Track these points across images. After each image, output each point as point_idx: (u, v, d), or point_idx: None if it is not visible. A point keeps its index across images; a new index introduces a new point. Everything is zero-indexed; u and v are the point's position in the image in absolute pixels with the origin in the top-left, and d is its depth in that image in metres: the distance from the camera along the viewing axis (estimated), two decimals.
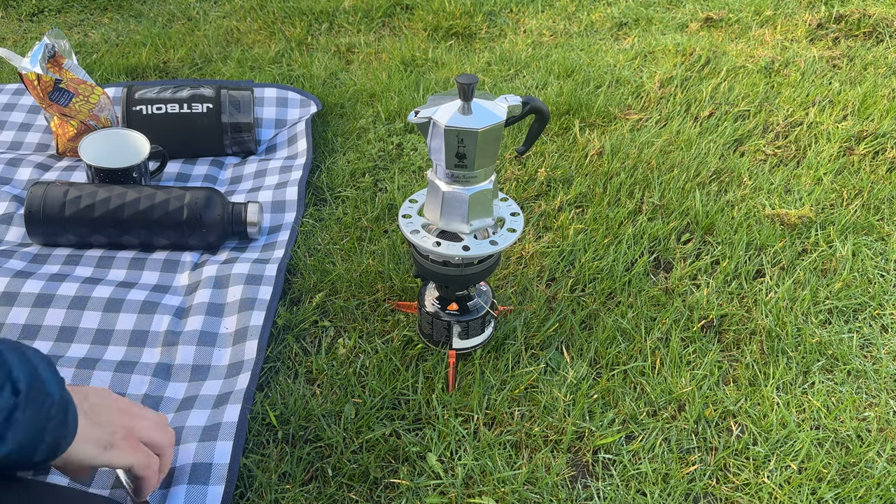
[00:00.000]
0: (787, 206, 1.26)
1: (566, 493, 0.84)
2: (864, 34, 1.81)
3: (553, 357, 0.99)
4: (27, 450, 0.58)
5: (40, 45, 1.30)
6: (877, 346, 1.03)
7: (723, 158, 1.37)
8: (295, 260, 1.14)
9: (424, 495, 0.83)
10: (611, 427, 0.91)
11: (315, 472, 0.86)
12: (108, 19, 1.90)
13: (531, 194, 1.28)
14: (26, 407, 0.56)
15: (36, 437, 0.58)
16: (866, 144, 1.41)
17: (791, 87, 1.58)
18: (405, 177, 1.32)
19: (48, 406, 0.59)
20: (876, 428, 0.92)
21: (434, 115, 0.83)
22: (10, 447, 0.56)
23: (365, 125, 1.46)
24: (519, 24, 1.88)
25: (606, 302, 1.08)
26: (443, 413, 0.92)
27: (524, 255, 1.15)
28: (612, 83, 1.60)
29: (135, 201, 1.12)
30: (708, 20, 1.88)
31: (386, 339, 1.02)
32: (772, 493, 0.84)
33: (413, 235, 0.89)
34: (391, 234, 1.20)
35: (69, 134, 1.33)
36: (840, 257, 1.16)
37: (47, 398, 0.59)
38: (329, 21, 1.87)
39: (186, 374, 0.95)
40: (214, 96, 1.35)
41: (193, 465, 0.82)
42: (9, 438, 0.55)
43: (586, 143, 1.40)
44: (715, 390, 0.96)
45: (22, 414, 0.56)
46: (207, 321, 1.01)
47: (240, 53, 1.71)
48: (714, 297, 1.09)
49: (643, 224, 1.21)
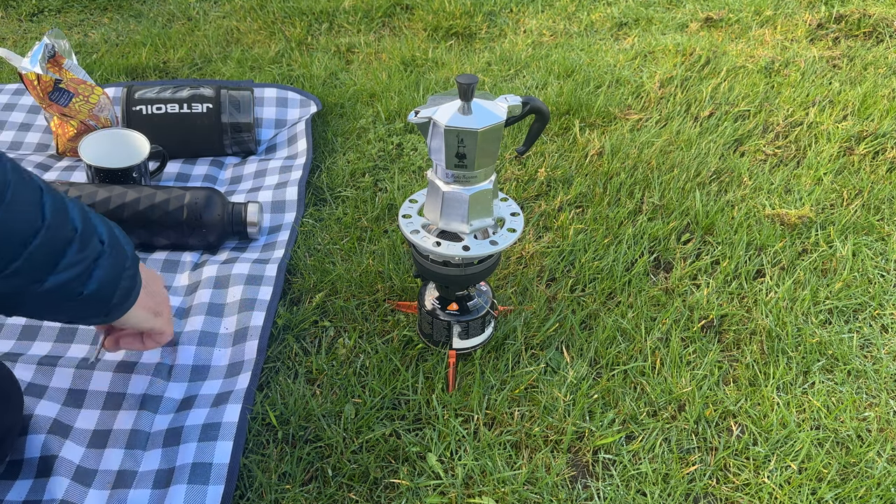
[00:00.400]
0: (787, 206, 1.26)
1: (566, 493, 0.84)
2: (864, 34, 1.81)
3: (553, 357, 0.99)
4: (107, 290, 0.70)
5: (40, 45, 1.30)
6: (877, 346, 1.03)
7: (723, 158, 1.37)
8: (295, 260, 1.14)
9: (424, 495, 0.83)
10: (611, 427, 0.91)
11: (315, 472, 0.86)
12: (108, 19, 1.90)
13: (531, 194, 1.28)
14: (109, 256, 0.69)
15: (115, 282, 0.71)
16: (866, 144, 1.41)
17: (791, 87, 1.58)
18: (405, 177, 1.32)
19: (123, 259, 0.72)
20: (876, 428, 0.92)
21: (434, 115, 0.82)
22: (96, 285, 0.68)
23: (365, 125, 1.46)
24: (519, 24, 1.88)
25: (606, 302, 1.08)
26: (443, 413, 0.92)
27: (524, 255, 1.15)
28: (612, 83, 1.60)
29: (135, 201, 1.12)
30: (708, 20, 1.88)
31: (386, 339, 1.02)
32: (772, 493, 0.84)
33: (413, 235, 0.89)
34: (391, 234, 1.20)
35: (69, 134, 1.33)
36: (840, 257, 1.16)
37: (123, 253, 0.72)
38: (329, 21, 1.87)
39: (186, 374, 0.95)
40: (214, 96, 1.35)
41: (193, 465, 0.82)
42: (95, 277, 0.68)
43: (586, 143, 1.40)
44: (715, 390, 0.96)
45: (106, 260, 0.69)
46: (207, 321, 1.01)
47: (240, 53, 1.71)
48: (714, 297, 1.09)
49: (643, 224, 1.21)
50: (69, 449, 0.83)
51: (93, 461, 0.83)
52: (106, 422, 0.88)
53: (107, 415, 0.89)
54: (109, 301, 0.72)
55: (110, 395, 0.90)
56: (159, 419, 0.89)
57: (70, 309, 0.70)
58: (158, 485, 0.81)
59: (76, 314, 0.72)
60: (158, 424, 0.88)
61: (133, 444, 0.85)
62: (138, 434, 0.87)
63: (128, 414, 0.89)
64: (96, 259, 0.68)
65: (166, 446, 0.85)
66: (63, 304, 0.68)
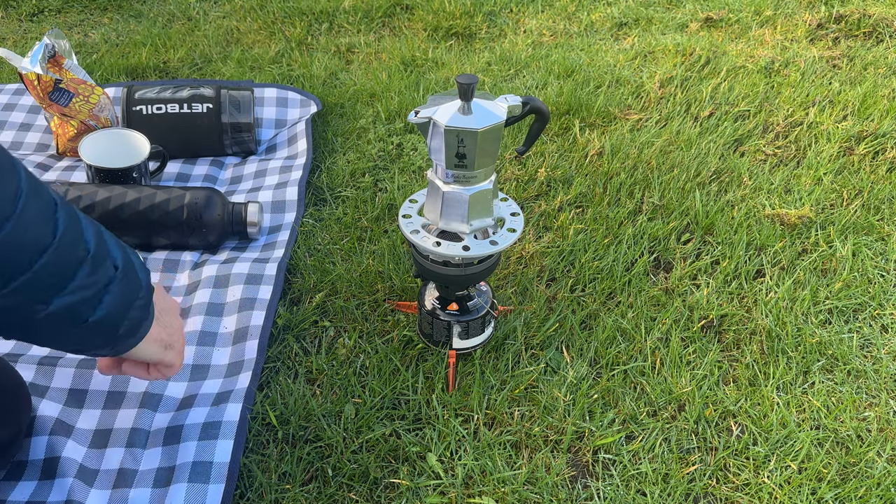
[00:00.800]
0: (787, 206, 1.26)
1: (566, 493, 0.84)
2: (864, 34, 1.81)
3: (553, 357, 0.99)
4: (116, 319, 0.65)
5: (40, 45, 1.30)
6: (877, 346, 1.03)
7: (723, 158, 1.37)
8: (295, 260, 1.14)
9: (424, 495, 0.83)
10: (611, 427, 0.91)
11: (315, 472, 0.86)
12: (108, 19, 1.90)
13: (531, 194, 1.28)
14: (121, 282, 0.64)
15: (124, 311, 0.65)
16: (866, 144, 1.41)
17: (791, 87, 1.58)
18: (405, 177, 1.32)
19: (136, 288, 0.67)
20: (876, 428, 0.92)
21: (434, 115, 0.83)
22: (104, 311, 0.63)
23: (365, 125, 1.46)
24: (519, 24, 1.88)
25: (606, 302, 1.08)
26: (443, 413, 0.92)
27: (524, 255, 1.15)
28: (612, 83, 1.60)
29: (135, 201, 1.12)
30: (708, 20, 1.88)
31: (386, 339, 1.02)
32: (772, 493, 0.84)
33: (413, 235, 0.89)
34: (391, 234, 1.20)
35: (69, 134, 1.33)
36: (840, 257, 1.16)
37: (137, 281, 0.67)
38: (329, 21, 1.87)
39: (186, 373, 0.95)
40: (214, 96, 1.35)
41: (194, 464, 0.82)
42: (105, 303, 0.63)
43: (586, 143, 1.40)
44: (715, 390, 0.96)
45: (118, 286, 0.64)
46: (207, 321, 1.01)
47: (240, 53, 1.71)
48: (714, 297, 1.09)
49: (643, 224, 1.21)
50: (72, 449, 0.83)
51: (95, 461, 0.84)
52: (107, 421, 0.88)
53: (108, 414, 0.89)
54: (116, 330, 0.67)
55: (111, 395, 0.91)
56: (159, 417, 0.89)
57: (75, 336, 0.65)
58: (159, 483, 0.81)
59: (81, 342, 0.67)
60: (158, 423, 0.88)
61: (133, 442, 0.86)
62: (138, 432, 0.87)
63: (128, 412, 0.89)
64: (107, 284, 0.63)
65: (166, 445, 0.85)
66: (68, 331, 0.64)
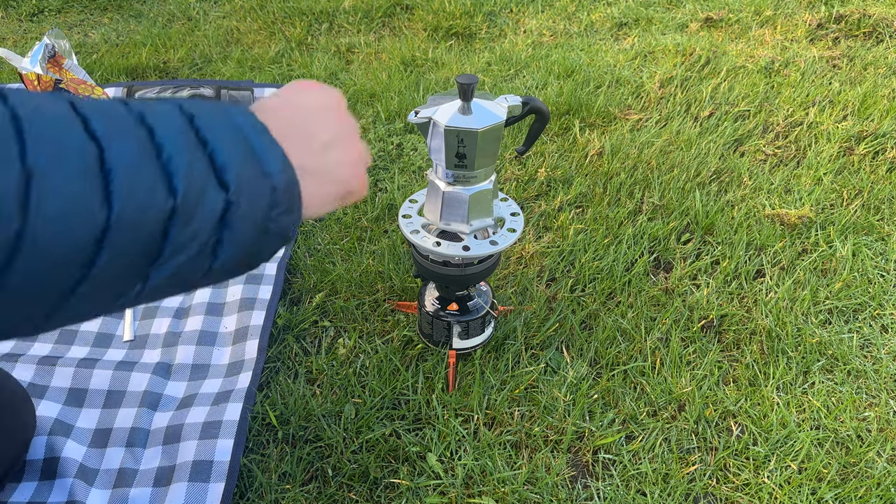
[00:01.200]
0: (787, 206, 1.26)
1: (566, 493, 0.84)
2: (864, 34, 1.81)
3: (553, 357, 0.99)
4: (251, 248, 0.45)
5: (40, 45, 1.30)
6: (877, 346, 1.03)
7: (723, 158, 1.37)
8: (295, 260, 1.14)
9: (424, 495, 0.83)
10: (611, 427, 0.91)
11: (315, 472, 0.86)
12: (108, 19, 1.90)
13: (531, 194, 1.28)
14: (241, 202, 0.42)
15: (259, 237, 0.45)
16: (866, 144, 1.41)
17: (791, 87, 1.58)
18: (405, 177, 1.32)
19: (268, 192, 0.44)
20: (876, 428, 0.92)
21: (434, 115, 0.82)
22: (232, 250, 0.44)
23: (365, 125, 1.46)
24: (519, 25, 1.88)
25: (606, 302, 1.08)
26: (443, 413, 0.92)
27: (524, 255, 1.15)
28: (612, 83, 1.60)
29: None
30: (708, 20, 1.88)
31: (386, 339, 1.02)
32: (772, 493, 0.84)
33: (413, 235, 0.89)
34: (391, 234, 1.20)
35: None
36: (840, 257, 1.16)
37: (266, 183, 0.44)
38: (329, 21, 1.87)
39: (186, 373, 0.95)
40: (214, 96, 1.35)
41: (194, 463, 0.82)
42: (227, 242, 0.43)
43: (586, 143, 1.40)
44: (715, 390, 0.96)
45: (237, 212, 0.42)
46: (207, 321, 1.01)
47: (240, 53, 1.71)
48: (714, 297, 1.09)
49: (643, 224, 1.21)
50: (72, 448, 0.83)
51: (95, 460, 0.84)
52: (107, 420, 0.88)
53: (107, 413, 0.89)
54: (258, 258, 0.47)
55: (111, 394, 0.91)
56: (159, 416, 0.89)
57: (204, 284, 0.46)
58: (159, 482, 0.81)
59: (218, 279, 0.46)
60: (158, 422, 0.88)
61: (133, 441, 0.86)
62: (138, 432, 0.87)
63: (128, 412, 0.89)
64: (221, 218, 0.42)
65: (167, 444, 0.85)
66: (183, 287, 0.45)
